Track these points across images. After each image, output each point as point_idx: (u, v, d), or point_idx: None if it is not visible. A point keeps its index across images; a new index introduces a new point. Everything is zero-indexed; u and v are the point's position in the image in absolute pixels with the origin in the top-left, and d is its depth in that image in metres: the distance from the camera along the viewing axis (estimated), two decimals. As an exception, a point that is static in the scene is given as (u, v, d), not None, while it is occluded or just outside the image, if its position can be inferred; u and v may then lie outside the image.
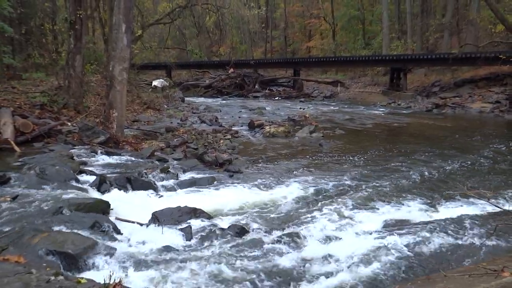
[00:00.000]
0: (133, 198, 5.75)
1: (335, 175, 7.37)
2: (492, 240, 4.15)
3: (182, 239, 4.41)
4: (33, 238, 3.48)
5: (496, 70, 22.02)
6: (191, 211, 5.12)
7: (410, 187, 6.63)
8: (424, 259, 3.88)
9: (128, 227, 4.60)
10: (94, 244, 3.71)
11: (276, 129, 11.96)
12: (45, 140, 8.25)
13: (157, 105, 16.65)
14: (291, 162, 8.50)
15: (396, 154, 9.43)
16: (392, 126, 14.98)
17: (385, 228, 4.84)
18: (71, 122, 10.03)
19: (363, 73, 33.42)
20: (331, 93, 29.16)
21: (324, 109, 20.39)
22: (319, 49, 39.94)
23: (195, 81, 33.53)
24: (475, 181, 6.95)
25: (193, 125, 13.07)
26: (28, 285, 1.61)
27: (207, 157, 8.17)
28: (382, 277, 3.72)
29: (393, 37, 32.60)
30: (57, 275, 1.83)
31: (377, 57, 27.97)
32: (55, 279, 1.77)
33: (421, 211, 5.44)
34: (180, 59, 38.10)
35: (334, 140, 11.22)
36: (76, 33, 11.50)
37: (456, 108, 20.17)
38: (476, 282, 2.71)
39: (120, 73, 8.70)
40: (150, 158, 7.90)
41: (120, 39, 8.63)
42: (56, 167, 5.93)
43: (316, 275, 3.78)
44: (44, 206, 4.52)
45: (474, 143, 10.87)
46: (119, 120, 8.92)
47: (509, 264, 2.62)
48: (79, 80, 11.74)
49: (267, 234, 4.70)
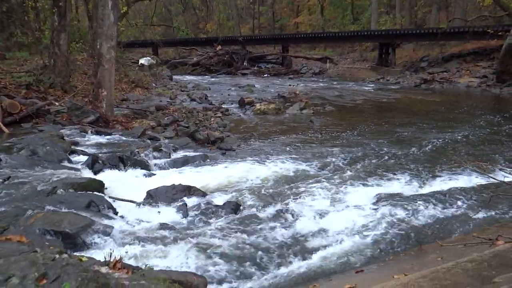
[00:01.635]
0: (127, 177, 5.74)
1: (326, 151, 7.43)
2: (485, 210, 4.26)
3: (178, 217, 4.44)
4: (29, 219, 3.48)
5: (484, 44, 22.15)
6: (185, 189, 5.13)
7: (401, 161, 6.73)
8: (417, 231, 3.97)
9: (124, 206, 4.61)
10: (91, 223, 3.71)
11: (267, 107, 11.94)
12: (34, 121, 8.12)
13: (145, 84, 16.43)
14: (283, 139, 8.54)
15: (386, 129, 9.52)
16: (382, 101, 15.07)
17: (377, 201, 4.92)
18: (59, 102, 9.88)
19: (351, 49, 33.34)
20: (320, 69, 29.05)
21: (313, 86, 20.36)
22: (307, 25, 39.56)
23: (182, 59, 33.08)
24: (466, 154, 7.08)
25: (183, 104, 12.97)
26: (35, 263, 1.62)
27: (198, 135, 8.16)
28: (375, 249, 3.80)
29: (382, 12, 32.41)
30: (61, 253, 1.84)
31: (366, 33, 27.85)
32: (60, 257, 1.79)
33: (412, 184, 5.55)
34: (166, 37, 37.51)
35: (324, 117, 11.26)
36: (60, 10, 11.19)
37: (444, 83, 20.31)
38: (469, 251, 2.80)
39: (108, 51, 8.55)
40: (142, 137, 7.86)
41: (107, 16, 8.44)
42: (47, 148, 5.87)
43: (311, 248, 3.85)
44: (37, 186, 4.49)
45: (462, 118, 11.02)
46: (109, 99, 8.81)
47: (504, 231, 2.71)
48: (65, 59, 11.50)
49: (261, 210, 4.75)
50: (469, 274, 2.07)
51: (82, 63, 14.91)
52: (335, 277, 3.16)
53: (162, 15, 45.19)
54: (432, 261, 2.92)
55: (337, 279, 3.09)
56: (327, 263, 3.55)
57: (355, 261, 3.58)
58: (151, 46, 32.69)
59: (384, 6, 33.58)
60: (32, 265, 1.60)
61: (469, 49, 23.47)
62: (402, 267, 2.95)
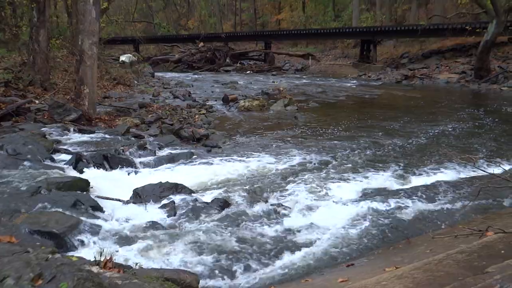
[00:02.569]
0: (112, 175, 5.67)
1: (311, 147, 7.47)
2: (470, 202, 4.35)
3: (166, 215, 4.40)
4: (14, 219, 3.40)
5: (462, 41, 22.59)
6: (172, 186, 5.09)
7: (386, 156, 6.82)
8: (404, 224, 4.04)
9: (110, 204, 4.55)
10: (78, 222, 3.65)
11: (251, 103, 11.93)
12: (14, 119, 7.92)
13: (127, 81, 16.20)
14: (268, 136, 8.55)
15: (370, 125, 9.63)
16: (364, 98, 15.22)
17: (364, 196, 4.98)
18: (39, 100, 9.67)
19: (333, 46, 33.55)
20: (302, 66, 29.18)
21: (296, 82, 20.43)
22: (289, 22, 39.60)
23: (164, 56, 32.73)
24: (450, 147, 7.23)
25: (166, 101, 12.84)
26: (29, 264, 1.58)
27: (183, 133, 8.10)
28: (364, 243, 3.84)
29: (363, 9, 32.71)
30: (54, 253, 1.80)
31: (347, 29, 28.06)
32: (53, 257, 1.75)
33: (398, 178, 5.63)
34: (147, 33, 37.07)
35: (308, 113, 11.32)
36: (39, 6, 10.93)
37: (425, 79, 20.65)
38: (456, 243, 2.86)
39: (90, 48, 8.39)
40: (126, 135, 7.76)
41: (88, 12, 8.27)
42: (29, 146, 5.73)
43: (301, 243, 3.87)
44: (21, 186, 4.39)
45: (444, 112, 11.23)
46: (91, 97, 8.65)
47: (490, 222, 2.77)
48: (44, 56, 11.25)
49: (249, 206, 4.76)
50: (461, 265, 2.12)
51: (62, 60, 14.61)
52: (327, 271, 3.18)
53: (143, 11, 44.61)
54: (422, 253, 2.97)
55: (329, 273, 3.11)
56: (317, 257, 3.58)
57: (345, 255, 3.62)
58: (132, 43, 32.29)
59: (365, 3, 33.91)
60: (27, 265, 1.56)
61: (448, 45, 23.90)
62: (392, 260, 2.99)
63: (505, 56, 20.70)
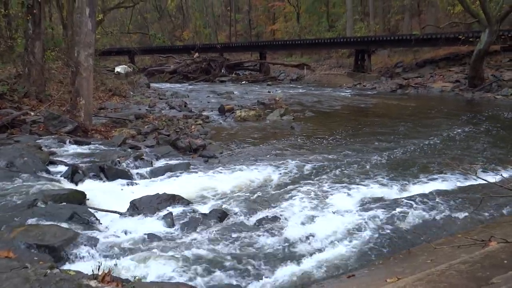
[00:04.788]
0: (109, 187, 5.62)
1: (308, 157, 7.46)
2: (468, 211, 4.34)
3: (164, 227, 4.35)
4: (10, 233, 3.35)
5: (455, 50, 22.79)
6: (170, 198, 5.05)
7: (383, 165, 6.82)
8: (404, 234, 4.02)
9: (107, 217, 4.51)
10: (75, 235, 3.61)
11: (247, 113, 11.94)
12: (9, 131, 7.87)
13: (123, 92, 16.19)
14: (265, 146, 8.54)
15: (366, 134, 9.65)
16: (360, 107, 15.29)
17: (362, 206, 4.96)
18: (34, 112, 9.62)
19: (328, 56, 33.74)
20: (298, 76, 29.30)
21: (292, 92, 20.50)
22: (284, 32, 39.86)
23: (160, 67, 32.75)
24: (445, 156, 7.24)
25: (162, 112, 12.84)
26: (28, 280, 1.55)
27: (180, 143, 8.08)
28: (364, 254, 3.82)
29: (357, 19, 33.00)
30: (52, 268, 1.77)
31: (342, 39, 28.27)
32: (51, 272, 1.72)
33: (396, 188, 5.62)
34: (142, 44, 37.11)
35: (305, 123, 11.34)
36: (35, 18, 10.94)
37: (419, 88, 20.79)
38: (458, 253, 2.84)
39: (86, 59, 8.38)
40: (122, 146, 7.72)
41: (84, 24, 8.28)
42: (25, 159, 5.69)
43: (300, 254, 3.84)
44: (17, 199, 4.35)
45: (440, 121, 11.28)
46: (87, 108, 8.63)
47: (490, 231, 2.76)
48: (40, 68, 11.23)
49: (248, 217, 4.73)
50: (464, 276, 2.10)
51: (57, 71, 14.58)
52: (327, 283, 3.15)
53: (137, 22, 44.77)
54: (423, 263, 2.95)
55: (329, 284, 3.08)
56: (317, 269, 3.54)
57: (345, 266, 3.59)
58: (127, 54, 32.33)
59: (358, 14, 34.20)
60: (26, 281, 1.53)
61: (442, 55, 24.12)
62: (393, 271, 2.97)
63: (498, 65, 20.90)
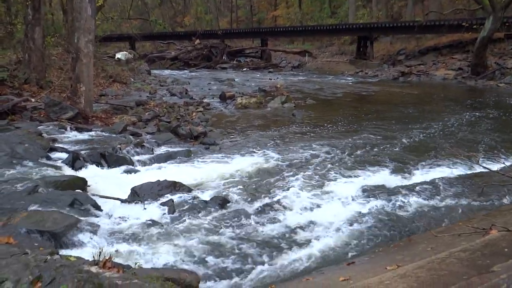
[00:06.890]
0: (109, 174, 5.63)
1: (310, 144, 7.44)
2: (468, 199, 4.34)
3: (165, 213, 4.36)
4: (12, 219, 3.36)
5: (459, 37, 22.60)
6: (170, 184, 5.06)
7: (385, 153, 6.80)
8: (405, 222, 4.02)
9: (108, 203, 4.51)
10: (76, 221, 3.62)
11: (248, 100, 11.89)
12: (9, 118, 7.85)
13: (123, 79, 16.12)
14: (266, 133, 8.52)
15: (368, 122, 9.61)
16: (361, 94, 15.21)
17: (363, 193, 4.96)
18: (35, 98, 9.58)
19: (330, 43, 33.48)
20: (299, 63, 29.15)
21: (293, 79, 20.41)
22: (285, 19, 39.49)
23: (160, 53, 32.58)
24: (450, 144, 7.21)
25: (163, 98, 12.79)
26: (28, 266, 1.55)
27: (181, 130, 8.05)
28: (364, 241, 3.83)
29: (359, 5, 32.65)
30: (53, 254, 1.77)
31: (344, 26, 28.01)
32: (52, 258, 1.72)
33: (397, 176, 5.61)
34: (143, 31, 36.84)
35: (306, 110, 11.30)
36: (34, 3, 10.81)
37: (421, 75, 20.66)
38: (458, 241, 2.84)
39: (86, 45, 8.32)
40: (123, 133, 7.70)
41: (84, 9, 8.20)
42: (26, 145, 5.69)
43: (301, 241, 3.85)
44: (18, 185, 4.34)
45: (443, 109, 11.24)
46: (87, 95, 8.59)
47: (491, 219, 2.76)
48: (40, 54, 11.15)
49: (249, 204, 4.73)
50: (464, 263, 2.10)
51: (58, 58, 14.50)
52: (327, 270, 3.16)
53: (138, 8, 44.27)
54: (423, 251, 2.95)
55: (330, 271, 3.09)
56: (318, 256, 3.56)
57: (345, 253, 3.60)
58: (128, 40, 32.16)
59: (361, 0, 33.83)
60: (25, 267, 1.53)
61: (445, 42, 23.91)
62: (394, 258, 2.97)
63: (502, 53, 20.74)
